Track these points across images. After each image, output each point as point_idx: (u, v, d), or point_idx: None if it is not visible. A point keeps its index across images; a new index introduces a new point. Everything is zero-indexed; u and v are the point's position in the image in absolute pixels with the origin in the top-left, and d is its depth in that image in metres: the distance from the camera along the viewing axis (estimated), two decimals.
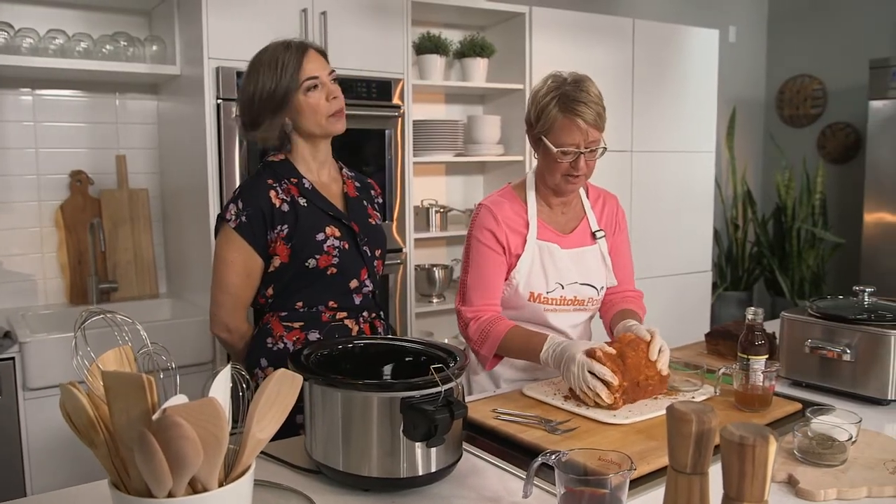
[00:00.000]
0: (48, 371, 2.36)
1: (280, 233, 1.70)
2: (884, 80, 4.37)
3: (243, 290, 1.74)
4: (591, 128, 1.77)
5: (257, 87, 1.69)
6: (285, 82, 1.68)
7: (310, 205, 1.74)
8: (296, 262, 1.71)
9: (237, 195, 1.72)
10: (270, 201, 1.70)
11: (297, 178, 1.76)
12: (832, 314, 1.81)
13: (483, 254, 1.88)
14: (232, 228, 1.69)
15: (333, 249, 1.73)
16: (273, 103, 1.69)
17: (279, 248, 1.71)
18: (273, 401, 0.95)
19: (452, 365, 1.31)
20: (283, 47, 1.71)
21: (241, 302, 1.75)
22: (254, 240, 1.69)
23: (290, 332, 1.74)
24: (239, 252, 1.70)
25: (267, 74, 1.68)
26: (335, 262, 1.73)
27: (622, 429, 1.51)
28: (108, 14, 2.93)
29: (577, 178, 1.82)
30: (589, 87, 1.80)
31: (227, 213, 1.71)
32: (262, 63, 1.70)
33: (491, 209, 1.89)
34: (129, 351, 0.96)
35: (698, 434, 0.83)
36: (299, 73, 1.69)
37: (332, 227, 1.74)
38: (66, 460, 2.41)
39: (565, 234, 1.93)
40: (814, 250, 4.85)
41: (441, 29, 3.53)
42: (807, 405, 1.66)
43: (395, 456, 1.24)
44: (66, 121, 2.93)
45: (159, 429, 0.78)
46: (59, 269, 2.95)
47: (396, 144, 3.07)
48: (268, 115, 1.71)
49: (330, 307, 1.77)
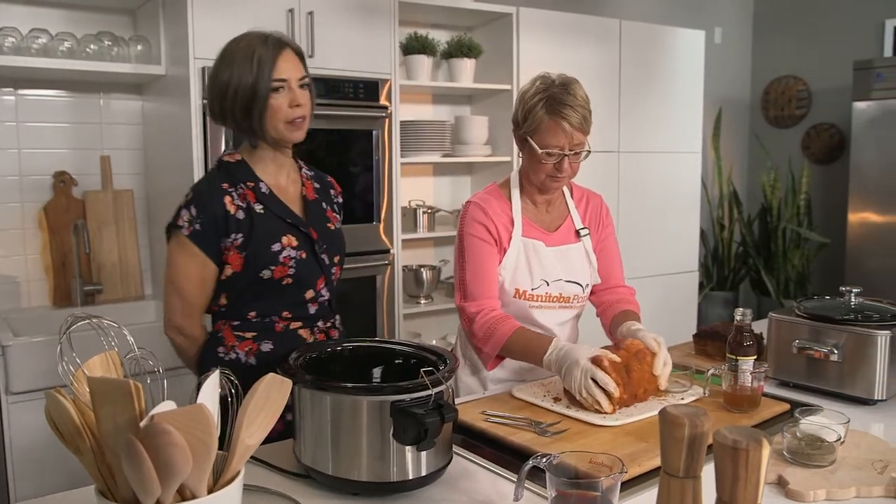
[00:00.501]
0: (32, 375, 2.33)
1: (234, 241, 1.62)
2: (867, 81, 4.40)
3: (197, 297, 1.67)
4: (577, 131, 1.79)
5: (231, 78, 1.61)
6: (260, 81, 1.59)
7: (266, 212, 1.66)
8: (249, 272, 1.64)
9: (190, 200, 1.64)
10: (225, 208, 1.62)
11: (253, 181, 1.68)
12: (819, 314, 1.82)
13: (477, 247, 1.88)
14: (185, 236, 1.62)
15: (290, 260, 1.66)
16: (245, 100, 1.61)
17: (231, 258, 1.63)
18: (262, 406, 0.94)
19: (443, 368, 1.30)
20: (261, 41, 1.62)
21: (195, 308, 1.68)
22: (207, 248, 1.62)
23: (242, 342, 1.68)
24: (193, 260, 1.63)
25: (243, 67, 1.60)
26: (291, 273, 1.66)
27: (612, 430, 1.51)
28: (92, 13, 2.90)
29: (561, 178, 1.85)
30: (576, 90, 1.81)
31: (178, 219, 1.63)
32: (238, 53, 1.61)
33: (480, 204, 1.91)
34: (116, 356, 0.94)
35: (691, 438, 0.83)
36: (272, 71, 1.61)
37: (290, 235, 1.67)
38: (50, 466, 2.38)
39: (550, 232, 1.95)
40: (799, 250, 4.88)
41: (428, 29, 3.52)
42: (795, 405, 1.67)
43: (385, 460, 1.23)
44: (49, 121, 2.90)
45: (147, 436, 0.77)
46: (43, 271, 2.91)
47: (384, 145, 3.06)
48: (239, 111, 1.63)
49: (284, 317, 1.70)
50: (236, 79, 1.60)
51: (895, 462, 1.35)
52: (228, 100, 1.62)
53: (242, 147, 1.73)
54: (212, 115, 1.70)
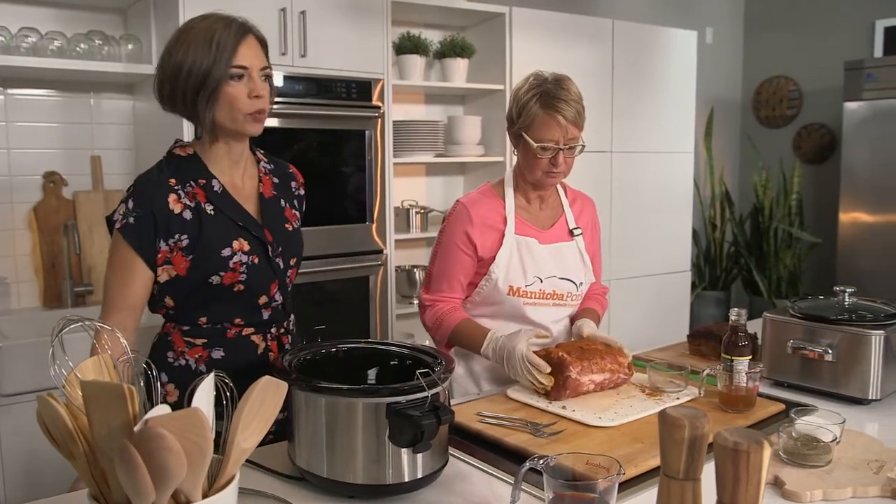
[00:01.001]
0: (23, 377, 2.31)
1: (178, 242, 1.50)
2: (858, 81, 4.42)
3: (122, 298, 1.51)
4: (571, 125, 1.82)
5: (185, 59, 1.46)
6: (216, 65, 1.46)
7: (217, 213, 1.54)
8: (196, 276, 1.52)
9: (130, 194, 1.51)
10: (168, 206, 1.50)
11: (205, 178, 1.55)
12: (814, 314, 1.83)
13: (452, 251, 1.91)
14: (117, 230, 1.50)
15: (241, 266, 1.54)
16: (196, 85, 1.47)
17: (176, 259, 1.51)
18: (257, 410, 0.93)
19: (438, 369, 1.29)
20: (224, 24, 1.49)
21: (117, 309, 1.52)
22: (139, 246, 1.49)
23: (192, 348, 1.57)
24: (121, 257, 1.50)
25: (200, 48, 1.46)
26: (242, 279, 1.55)
27: (608, 431, 1.50)
28: (82, 12, 2.87)
29: (557, 173, 1.87)
30: (569, 86, 1.84)
31: (115, 213, 1.51)
32: (196, 33, 1.48)
33: (468, 207, 1.92)
34: (109, 359, 0.93)
35: (691, 439, 0.83)
36: (232, 57, 1.47)
37: (241, 239, 1.55)
38: (42, 469, 2.36)
39: (544, 230, 1.96)
40: (790, 250, 4.90)
41: (421, 29, 3.52)
42: (790, 405, 1.67)
43: (381, 462, 1.22)
44: (39, 121, 2.87)
45: (141, 440, 0.76)
46: (33, 272, 2.89)
47: (376, 145, 3.04)
48: (189, 95, 1.48)
49: (236, 324, 1.59)
50: (190, 60, 1.46)
51: (891, 462, 1.35)
52: (180, 81, 1.48)
53: (195, 141, 1.60)
54: (160, 98, 1.55)
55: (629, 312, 3.81)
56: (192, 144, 1.60)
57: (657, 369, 1.77)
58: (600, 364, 1.66)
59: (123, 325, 1.50)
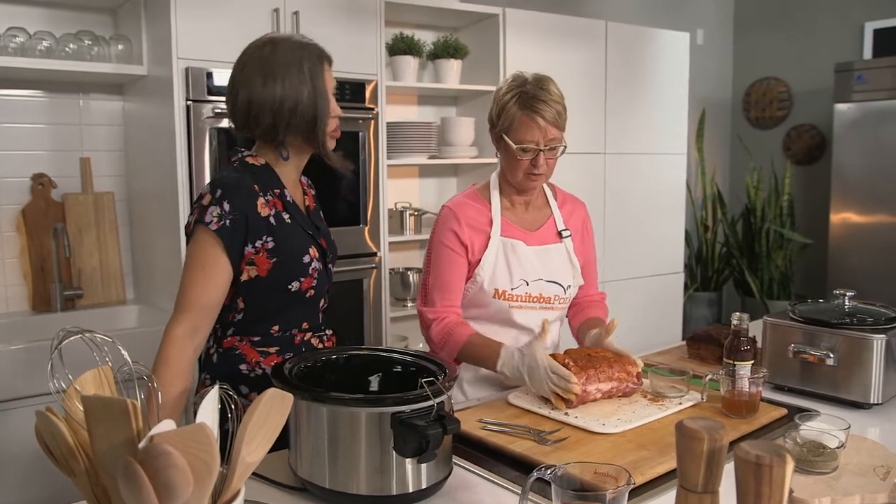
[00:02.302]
0: (12, 383, 2.26)
1: (265, 244, 1.55)
2: (848, 83, 4.44)
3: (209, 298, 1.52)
4: (551, 125, 1.80)
5: (285, 93, 1.53)
6: (318, 96, 1.55)
7: (293, 222, 1.62)
8: (276, 281, 1.58)
9: (222, 196, 1.52)
10: (257, 210, 1.55)
11: (279, 188, 1.62)
12: (814, 318, 1.82)
13: (444, 255, 1.89)
14: (212, 231, 1.50)
15: (315, 272, 1.64)
16: (308, 115, 1.55)
17: (260, 259, 1.55)
18: (262, 423, 0.91)
19: (443, 377, 1.27)
20: (299, 48, 1.56)
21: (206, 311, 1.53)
22: (231, 248, 1.52)
23: (266, 357, 1.62)
24: (209, 256, 1.51)
25: (294, 79, 1.53)
26: (314, 285, 1.64)
27: (612, 438, 1.49)
28: (71, 12, 2.83)
29: (539, 175, 1.85)
30: (549, 87, 1.83)
31: (206, 214, 1.51)
32: (280, 65, 1.53)
33: (453, 210, 1.91)
34: (109, 371, 0.90)
35: (710, 452, 0.81)
36: (325, 86, 1.57)
37: (313, 247, 1.65)
38: (31, 476, 2.32)
39: (530, 232, 1.94)
40: (782, 251, 4.91)
41: (414, 30, 3.49)
42: (791, 410, 1.66)
43: (385, 473, 1.20)
44: (26, 122, 2.82)
45: (146, 458, 0.73)
46: (21, 276, 2.84)
47: (370, 147, 3.02)
48: (301, 126, 1.56)
49: (303, 328, 1.68)
50: (293, 95, 1.53)
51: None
52: (285, 114, 1.54)
53: (263, 151, 1.64)
54: (243, 125, 1.59)
55: (622, 314, 3.74)
56: (262, 155, 1.64)
57: (658, 374, 1.75)
58: (608, 372, 1.64)
59: (197, 325, 1.52)
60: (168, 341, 1.48)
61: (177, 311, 1.52)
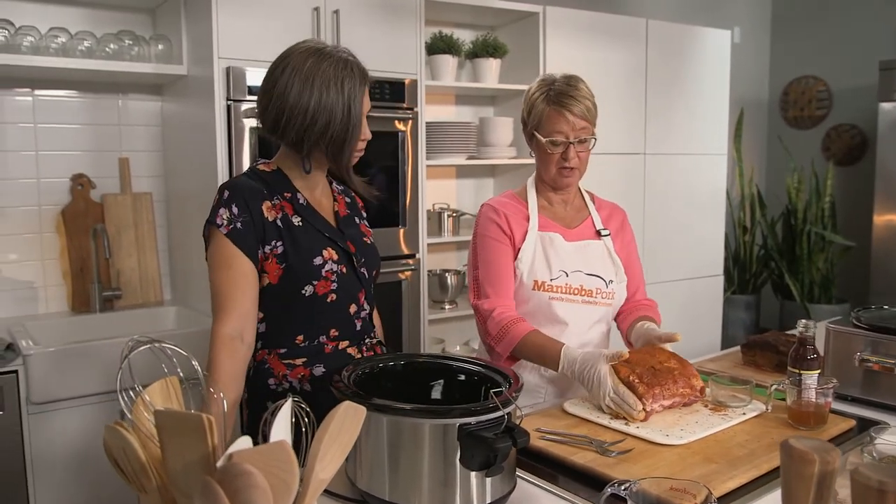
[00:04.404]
0: (52, 385, 2.25)
1: (274, 249, 1.53)
2: (893, 81, 4.32)
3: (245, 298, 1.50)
4: (578, 118, 1.81)
5: (320, 106, 1.51)
6: (352, 119, 1.53)
7: (305, 224, 1.58)
8: (288, 287, 1.54)
9: (229, 198, 1.51)
10: (263, 213, 1.53)
11: (290, 192, 1.59)
12: (881, 326, 1.75)
13: (490, 246, 1.89)
14: (224, 235, 1.49)
15: (332, 274, 1.57)
16: (338, 136, 1.53)
17: (270, 266, 1.53)
18: (335, 437, 0.86)
19: (509, 386, 1.22)
20: (344, 65, 1.53)
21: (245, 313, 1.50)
22: (248, 250, 1.50)
23: (292, 369, 1.58)
24: (228, 258, 1.49)
25: (332, 96, 1.51)
26: (334, 288, 1.58)
27: (676, 450, 1.43)
28: (111, 12, 2.82)
29: (572, 170, 1.86)
30: (577, 84, 1.86)
31: (216, 217, 1.50)
32: (320, 79, 1.51)
33: (492, 205, 1.94)
34: (177, 382, 0.86)
35: (821, 475, 0.75)
36: (361, 109, 1.55)
37: (329, 249, 1.59)
38: (71, 479, 2.30)
39: (568, 229, 1.94)
40: (823, 253, 4.80)
41: (452, 29, 3.44)
42: (858, 421, 1.60)
43: (449, 486, 1.15)
44: (66, 122, 2.82)
45: (226, 477, 0.69)
46: (61, 277, 2.84)
47: (409, 147, 2.98)
48: (327, 146, 1.54)
49: (332, 336, 1.61)
50: (328, 110, 1.51)
51: None
52: (315, 130, 1.52)
53: (280, 157, 1.64)
54: (272, 129, 1.57)
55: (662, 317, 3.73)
56: (275, 161, 1.63)
57: (720, 383, 1.69)
58: (672, 389, 1.58)
59: (242, 327, 1.49)
60: (218, 344, 1.45)
61: (216, 315, 1.49)
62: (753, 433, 1.52)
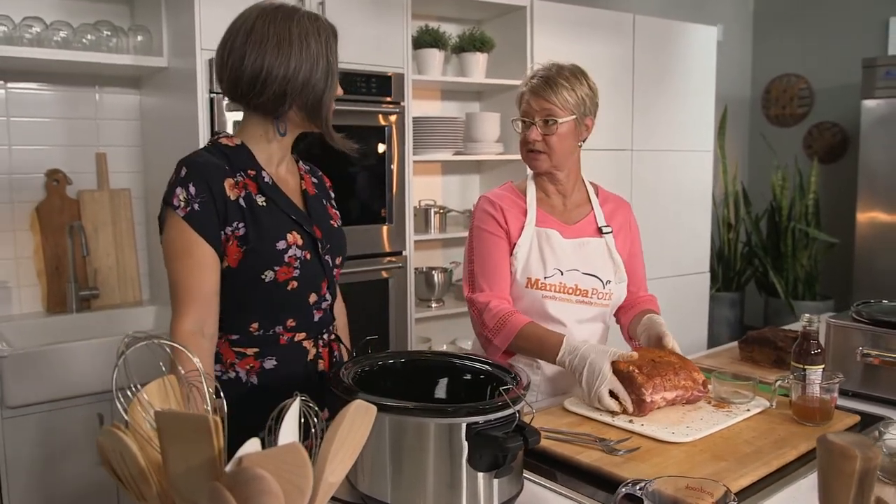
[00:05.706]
0: (27, 387, 2.17)
1: (235, 231, 1.41)
2: (875, 78, 4.35)
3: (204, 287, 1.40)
4: (542, 99, 1.78)
5: (300, 63, 1.42)
6: (331, 71, 1.45)
7: (269, 205, 1.46)
8: (247, 271, 1.43)
9: (186, 176, 1.40)
10: (225, 192, 1.41)
11: (255, 169, 1.47)
12: (881, 319, 1.73)
13: (486, 240, 1.84)
14: (180, 217, 1.38)
15: (295, 260, 1.46)
16: (318, 90, 1.44)
17: (230, 249, 1.42)
18: (345, 439, 0.81)
19: (516, 384, 1.17)
20: (315, 19, 1.45)
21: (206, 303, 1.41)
22: (206, 233, 1.39)
23: (242, 359, 1.47)
24: (187, 244, 1.39)
25: (312, 50, 1.42)
26: (296, 275, 1.47)
27: (683, 448, 1.39)
28: (88, 1, 2.73)
29: (539, 153, 1.82)
30: (562, 70, 1.82)
31: (173, 197, 1.39)
32: (296, 34, 1.42)
33: (490, 198, 1.90)
34: (175, 381, 0.80)
35: (862, 472, 0.71)
36: (335, 65, 1.47)
37: (294, 233, 1.48)
38: (46, 484, 2.22)
39: (568, 225, 1.89)
40: (807, 250, 4.81)
41: (438, 22, 3.39)
42: (862, 416, 1.58)
43: (455, 488, 1.10)
44: (40, 116, 2.72)
45: (236, 483, 0.63)
46: (35, 276, 2.74)
47: (395, 142, 2.92)
48: (307, 101, 1.44)
49: (288, 327, 1.50)
50: (308, 64, 1.42)
51: None
52: (297, 85, 1.42)
53: (243, 131, 1.52)
54: (245, 92, 1.45)
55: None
56: (239, 135, 1.52)
57: (722, 379, 1.66)
58: (673, 381, 1.54)
59: (203, 320, 1.39)
60: (180, 342, 1.31)
61: (176, 308, 1.40)
62: (759, 430, 1.49)
